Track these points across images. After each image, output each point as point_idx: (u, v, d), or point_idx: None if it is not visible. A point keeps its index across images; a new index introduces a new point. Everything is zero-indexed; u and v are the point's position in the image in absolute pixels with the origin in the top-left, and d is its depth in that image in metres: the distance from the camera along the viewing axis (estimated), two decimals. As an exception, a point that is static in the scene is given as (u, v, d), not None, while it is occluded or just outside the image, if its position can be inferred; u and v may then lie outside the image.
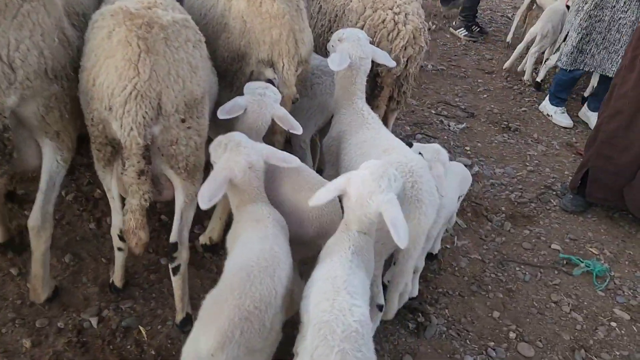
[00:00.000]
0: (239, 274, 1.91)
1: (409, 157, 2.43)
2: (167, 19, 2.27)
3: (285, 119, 2.59)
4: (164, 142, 2.31)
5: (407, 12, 3.18)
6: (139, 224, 2.37)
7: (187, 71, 2.28)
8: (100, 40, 2.22)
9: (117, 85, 2.15)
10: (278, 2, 2.66)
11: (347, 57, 2.79)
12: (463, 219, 4.06)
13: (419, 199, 2.34)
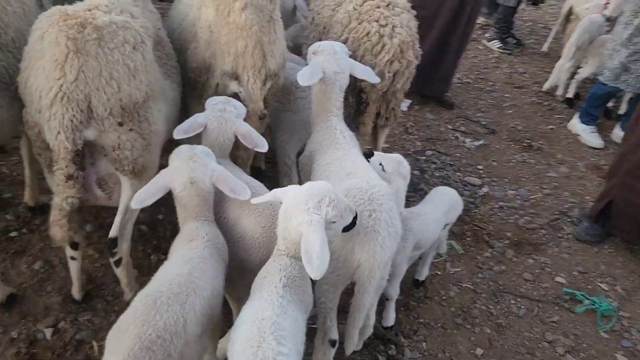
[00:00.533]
0: (146, 300, 1.81)
1: (370, 183, 2.25)
2: (104, 19, 2.21)
3: (248, 136, 2.48)
4: (105, 146, 2.26)
5: (395, 25, 3.00)
6: (56, 222, 2.31)
7: (123, 73, 2.21)
8: (33, 42, 2.20)
9: (44, 87, 2.10)
10: (247, 12, 2.54)
11: (320, 72, 2.64)
12: (461, 243, 3.83)
13: (375, 229, 2.15)
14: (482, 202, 4.33)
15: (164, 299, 1.81)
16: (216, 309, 2.04)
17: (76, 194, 2.25)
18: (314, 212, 1.87)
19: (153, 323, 1.74)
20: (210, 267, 2.04)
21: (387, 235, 2.17)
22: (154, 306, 1.78)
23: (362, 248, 2.14)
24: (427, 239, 2.87)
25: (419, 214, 2.81)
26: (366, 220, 2.15)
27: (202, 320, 1.90)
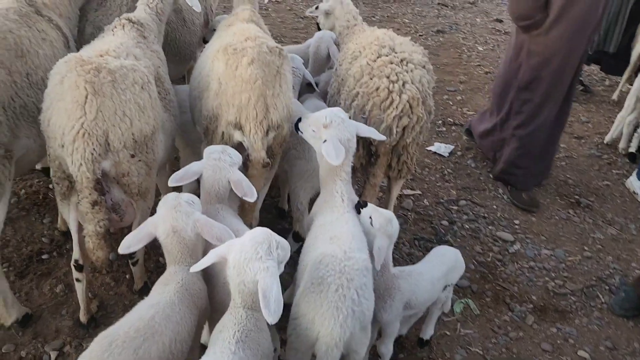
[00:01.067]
0: (102, 341, 1.91)
1: (347, 255, 2.24)
2: (115, 64, 2.50)
3: (239, 184, 2.57)
4: (117, 175, 2.54)
5: (406, 81, 3.01)
6: (96, 246, 2.55)
7: (134, 111, 2.49)
8: (54, 86, 2.48)
9: (66, 124, 2.37)
10: (253, 66, 2.67)
11: (341, 146, 2.64)
12: (479, 303, 3.68)
13: (338, 307, 2.12)
14: (510, 260, 4.15)
15: (119, 342, 1.91)
16: (180, 355, 2.10)
17: (104, 216, 2.51)
18: (266, 258, 1.91)
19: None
20: (177, 313, 2.12)
21: (350, 314, 2.12)
22: (107, 348, 1.89)
23: (322, 323, 2.12)
24: (421, 299, 2.79)
25: (409, 274, 2.76)
26: (332, 294, 2.13)
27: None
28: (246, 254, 1.93)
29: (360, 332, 2.23)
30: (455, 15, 11.15)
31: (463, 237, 4.35)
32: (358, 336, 2.23)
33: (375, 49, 3.20)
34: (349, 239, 2.36)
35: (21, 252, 3.53)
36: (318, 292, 2.16)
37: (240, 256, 1.94)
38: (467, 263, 4.01)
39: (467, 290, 3.78)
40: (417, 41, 8.93)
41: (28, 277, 3.35)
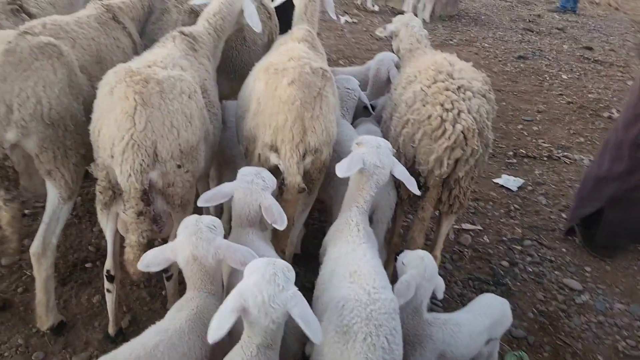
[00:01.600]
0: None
1: (372, 297, 2.04)
2: (163, 74, 2.48)
3: (269, 210, 2.44)
4: (163, 185, 2.51)
5: (461, 110, 2.77)
6: (136, 257, 2.48)
7: (181, 121, 2.46)
8: (103, 96, 2.48)
9: (116, 135, 2.36)
10: (292, 87, 2.56)
11: (359, 163, 2.53)
12: (535, 358, 3.31)
13: (368, 357, 1.91)
14: (576, 312, 3.73)
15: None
16: None
17: (148, 227, 2.49)
18: (288, 286, 1.82)
19: None
20: (186, 342, 2.01)
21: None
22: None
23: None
24: (457, 353, 2.51)
25: (445, 323, 2.49)
26: (360, 344, 1.92)
27: None
28: (269, 292, 1.78)
29: None
30: (540, 41, 10.62)
31: (524, 281, 3.97)
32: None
33: (432, 74, 2.99)
34: (371, 276, 2.15)
35: (67, 259, 3.60)
36: (344, 343, 1.95)
37: (261, 297, 1.78)
38: (526, 311, 3.67)
39: (522, 342, 3.41)
40: (495, 67, 8.65)
41: (69, 285, 3.40)
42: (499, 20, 12.11)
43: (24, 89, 2.49)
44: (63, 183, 2.73)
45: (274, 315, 1.81)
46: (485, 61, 8.97)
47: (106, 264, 2.81)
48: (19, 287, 3.32)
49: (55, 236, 2.81)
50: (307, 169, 2.71)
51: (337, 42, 9.01)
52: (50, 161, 2.65)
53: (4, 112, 2.47)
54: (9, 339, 2.97)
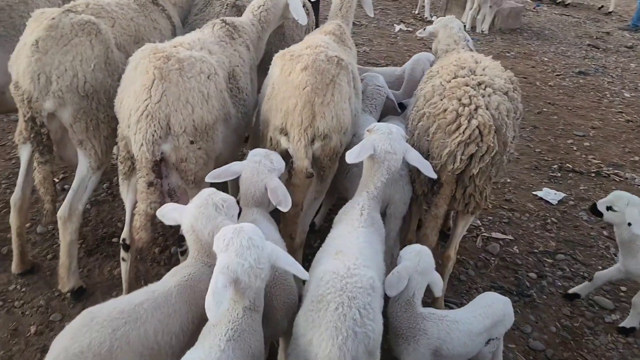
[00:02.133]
0: (85, 316, 1.93)
1: (351, 271, 2.05)
2: (185, 54, 2.60)
3: (274, 192, 2.48)
4: (176, 160, 2.60)
5: (479, 105, 2.71)
6: (142, 226, 2.62)
7: (197, 99, 2.56)
8: (129, 71, 2.64)
9: (133, 106, 2.51)
10: (305, 73, 2.61)
11: (369, 150, 2.55)
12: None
13: (337, 326, 1.90)
14: (604, 330, 3.52)
15: (100, 319, 1.91)
16: (168, 348, 2.05)
17: (157, 199, 2.60)
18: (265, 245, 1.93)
19: (80, 339, 1.85)
20: (172, 305, 2.07)
21: (350, 336, 1.90)
22: (88, 323, 1.90)
23: (319, 344, 1.92)
24: (454, 351, 2.43)
25: (440, 318, 2.43)
26: (331, 313, 1.93)
27: (141, 352, 1.94)
28: (251, 257, 1.86)
29: (365, 357, 1.98)
30: (605, 58, 10.17)
31: (551, 294, 3.80)
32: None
33: (453, 69, 2.95)
34: (354, 254, 2.16)
35: (97, 233, 3.79)
36: (317, 311, 1.97)
37: (248, 264, 1.85)
38: (548, 324, 3.51)
39: (539, 355, 3.27)
40: (553, 80, 8.35)
41: (95, 256, 3.57)
42: (564, 35, 11.70)
43: (62, 62, 2.67)
44: (93, 153, 2.90)
45: (262, 275, 1.90)
46: (542, 75, 8.69)
47: (123, 233, 2.94)
48: (49, 254, 3.53)
49: (82, 203, 2.98)
50: (316, 155, 2.74)
51: (388, 49, 9.01)
52: (83, 132, 2.82)
53: (44, 82, 2.66)
54: (32, 300, 3.16)
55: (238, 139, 3.17)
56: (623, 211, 3.17)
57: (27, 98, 2.67)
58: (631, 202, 3.17)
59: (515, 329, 3.42)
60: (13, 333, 2.95)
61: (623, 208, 3.17)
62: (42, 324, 3.01)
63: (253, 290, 1.90)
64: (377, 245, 2.41)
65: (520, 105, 3.10)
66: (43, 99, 2.67)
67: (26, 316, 3.06)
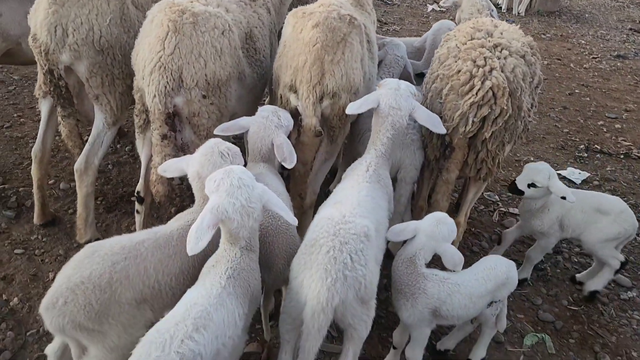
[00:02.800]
0: (89, 249, 2.01)
1: (345, 218, 2.07)
2: (200, 8, 2.63)
3: (280, 148, 2.52)
4: (189, 114, 2.64)
5: (494, 67, 2.66)
6: (158, 179, 2.69)
7: (210, 53, 2.59)
8: (146, 24, 2.70)
9: (147, 57, 2.56)
10: (316, 30, 2.61)
11: (370, 103, 2.56)
12: (559, 343, 3.12)
13: (326, 268, 1.94)
14: (619, 307, 3.46)
15: (101, 252, 1.99)
16: (168, 288, 2.11)
17: (171, 152, 2.65)
18: (255, 185, 1.95)
19: (81, 269, 1.93)
20: (172, 247, 2.14)
21: (340, 278, 1.93)
22: (90, 255, 1.98)
23: (309, 285, 1.95)
24: (454, 313, 2.43)
25: (442, 280, 2.41)
26: (322, 256, 1.96)
27: (141, 289, 2.01)
28: (242, 196, 1.90)
29: (357, 304, 2.02)
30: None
31: (565, 269, 3.74)
32: (354, 308, 2.02)
33: (470, 31, 2.90)
34: (352, 204, 2.18)
35: (117, 191, 3.91)
36: (309, 254, 2.01)
37: (239, 203, 1.90)
38: (560, 298, 3.47)
39: (547, 326, 3.23)
40: (589, 63, 8.11)
41: (114, 213, 3.69)
42: (604, 19, 11.29)
43: (79, 15, 2.74)
44: (109, 109, 2.98)
45: (255, 214, 1.93)
46: (577, 57, 8.44)
47: (137, 186, 3.02)
48: (70, 209, 3.66)
49: (98, 158, 3.07)
50: (326, 114, 2.75)
51: (419, 28, 8.87)
52: (98, 86, 2.90)
53: (60, 34, 2.74)
54: (52, 249, 3.30)
55: (254, 100, 3.20)
56: (546, 185, 3.07)
57: (44, 50, 2.75)
58: (552, 174, 3.08)
59: (526, 300, 3.39)
60: (32, 278, 3.08)
61: (545, 182, 3.06)
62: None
63: (247, 230, 1.94)
64: (380, 201, 2.41)
65: (539, 72, 3.03)
66: (59, 51, 2.75)
67: (45, 263, 3.19)
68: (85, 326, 1.94)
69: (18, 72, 5.77)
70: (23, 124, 4.72)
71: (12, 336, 2.72)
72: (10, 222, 3.48)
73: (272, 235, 2.31)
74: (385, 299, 3.08)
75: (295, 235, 2.39)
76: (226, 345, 1.83)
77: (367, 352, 2.84)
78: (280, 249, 2.32)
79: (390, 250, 3.07)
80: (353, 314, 2.03)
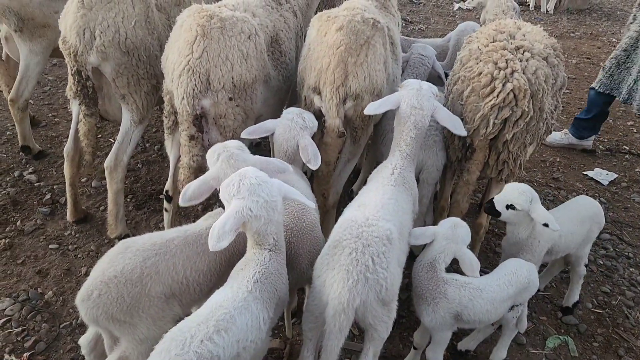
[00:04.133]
0: (122, 245, 2.12)
1: (369, 221, 2.11)
2: (227, 13, 2.71)
3: (305, 149, 2.57)
4: (215, 115, 2.72)
5: (515, 69, 2.67)
6: (186, 179, 2.77)
7: (237, 57, 2.67)
8: (176, 29, 2.78)
9: (177, 61, 2.65)
10: (340, 33, 2.66)
11: (393, 103, 2.59)
12: (582, 346, 3.11)
13: (348, 270, 1.97)
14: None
15: (133, 248, 2.09)
16: (196, 285, 2.19)
17: (199, 152, 2.74)
18: (270, 180, 2.01)
19: (115, 264, 2.03)
20: (200, 246, 2.21)
21: (362, 280, 1.97)
22: (123, 251, 2.08)
23: (331, 285, 2.00)
24: (475, 317, 2.45)
25: (464, 285, 2.42)
26: (345, 257, 2.00)
27: (170, 284, 2.10)
28: (264, 193, 1.97)
29: (377, 306, 2.06)
30: (681, 39, 9.51)
31: (590, 272, 3.71)
32: (375, 310, 2.06)
33: (492, 33, 2.91)
34: (376, 207, 2.22)
35: (146, 189, 4.03)
36: (332, 255, 2.06)
37: (262, 200, 1.95)
38: (585, 301, 3.45)
39: (571, 329, 3.22)
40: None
41: (143, 210, 3.80)
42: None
43: (105, 18, 2.86)
44: (135, 108, 3.09)
45: (278, 207, 2.00)
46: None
47: (166, 185, 3.12)
48: (102, 206, 3.79)
49: (127, 155, 3.18)
50: (349, 115, 2.80)
51: (445, 27, 8.84)
52: (125, 86, 3.01)
53: (88, 37, 2.86)
54: (84, 245, 3.43)
55: (279, 102, 3.27)
56: (527, 209, 2.61)
57: (73, 52, 2.87)
58: (534, 198, 2.62)
59: (549, 303, 3.38)
60: (66, 272, 3.21)
61: (526, 206, 2.60)
62: (92, 266, 3.23)
63: (274, 225, 2.00)
64: (404, 204, 2.44)
65: (563, 74, 3.03)
66: (87, 53, 2.87)
67: (78, 259, 3.32)
68: (117, 318, 2.04)
69: (52, 73, 5.97)
70: (57, 123, 4.89)
71: (47, 328, 2.85)
72: (45, 218, 3.63)
73: (296, 235, 2.37)
74: (406, 299, 3.11)
75: (320, 235, 2.45)
76: (247, 348, 1.88)
77: (388, 351, 2.88)
78: (304, 249, 2.37)
79: (412, 251, 3.11)
80: (374, 315, 2.07)
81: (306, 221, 2.40)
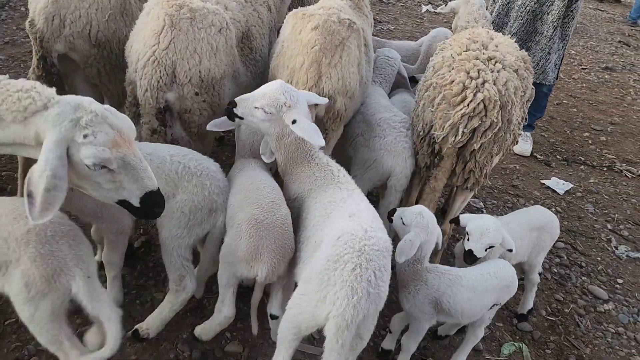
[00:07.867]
0: None
1: (368, 234, 2.06)
2: (198, 4, 2.60)
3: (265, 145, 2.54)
4: (180, 110, 2.63)
5: (486, 80, 2.69)
6: None
7: (206, 50, 2.57)
8: (142, 16, 2.67)
9: (142, 51, 2.54)
10: (315, 32, 2.61)
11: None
12: (536, 353, 3.18)
13: (353, 286, 1.93)
14: (595, 319, 3.53)
15: None
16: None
17: None
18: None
19: None
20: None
21: (365, 296, 1.93)
22: None
23: (333, 302, 1.94)
24: (457, 306, 2.50)
25: (444, 272, 2.50)
26: (348, 273, 1.95)
27: None
28: None
29: (373, 318, 2.07)
30: (635, 56, 9.93)
31: (545, 279, 3.81)
32: (371, 322, 2.07)
33: (465, 42, 2.93)
34: (370, 217, 2.18)
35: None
36: (333, 270, 1.99)
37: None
38: (539, 308, 3.53)
39: (526, 335, 3.29)
40: (577, 74, 8.20)
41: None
42: (595, 30, 11.41)
43: (78, 8, 2.71)
44: (110, 95, 2.97)
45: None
46: (566, 67, 8.52)
47: None
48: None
49: None
50: (320, 116, 2.76)
51: (414, 29, 8.90)
52: (95, 77, 2.89)
53: (57, 24, 2.71)
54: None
55: None
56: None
57: (39, 37, 2.72)
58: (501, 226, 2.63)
59: (505, 309, 3.45)
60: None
61: (501, 238, 2.60)
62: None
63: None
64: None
65: (531, 86, 3.07)
66: (54, 40, 2.73)
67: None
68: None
69: (4, 52, 5.66)
70: (9, 105, 4.63)
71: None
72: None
73: (267, 229, 2.30)
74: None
75: (291, 230, 2.38)
76: None
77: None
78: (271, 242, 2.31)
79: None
80: (366, 326, 2.07)
81: (277, 215, 2.34)
